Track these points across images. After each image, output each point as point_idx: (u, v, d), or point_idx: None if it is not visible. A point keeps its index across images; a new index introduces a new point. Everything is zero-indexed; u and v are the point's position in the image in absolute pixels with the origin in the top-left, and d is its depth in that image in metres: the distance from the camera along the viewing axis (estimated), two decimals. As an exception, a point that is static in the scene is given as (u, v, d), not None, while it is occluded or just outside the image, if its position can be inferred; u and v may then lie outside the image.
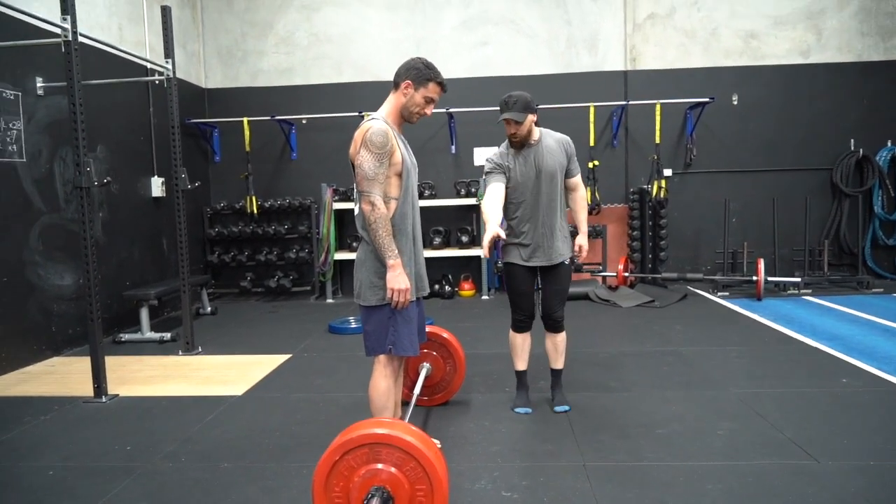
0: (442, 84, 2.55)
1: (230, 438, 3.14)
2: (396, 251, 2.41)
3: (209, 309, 6.49)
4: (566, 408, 3.36)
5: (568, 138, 3.30)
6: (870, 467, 2.61)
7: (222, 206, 7.50)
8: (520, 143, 3.15)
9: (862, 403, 3.36)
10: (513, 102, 3.08)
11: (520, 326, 3.38)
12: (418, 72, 2.50)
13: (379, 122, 2.43)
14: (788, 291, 6.71)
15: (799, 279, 6.67)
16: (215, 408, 3.58)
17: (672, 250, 7.34)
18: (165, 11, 4.69)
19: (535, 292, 3.36)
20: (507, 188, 3.19)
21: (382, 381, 2.56)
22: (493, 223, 2.95)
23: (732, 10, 7.33)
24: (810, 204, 7.06)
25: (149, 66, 5.85)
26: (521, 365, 3.44)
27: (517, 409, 3.38)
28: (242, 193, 7.41)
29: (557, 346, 3.41)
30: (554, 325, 3.38)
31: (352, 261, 6.84)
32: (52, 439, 3.19)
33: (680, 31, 7.39)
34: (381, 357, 2.56)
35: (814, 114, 7.32)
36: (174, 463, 2.87)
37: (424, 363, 3.37)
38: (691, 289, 7.03)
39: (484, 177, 3.33)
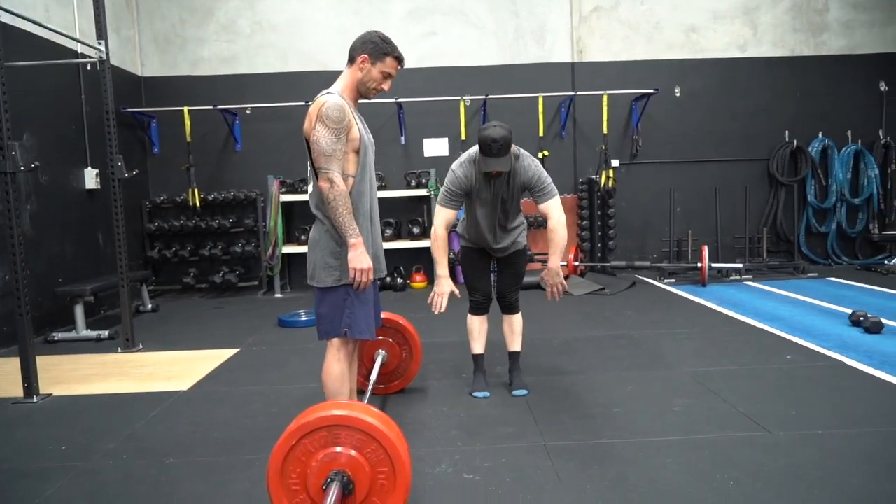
0: (399, 59, 2.47)
1: (176, 434, 2.98)
2: (357, 229, 2.32)
3: (150, 306, 6.20)
4: (524, 392, 3.34)
5: (531, 166, 3.06)
6: (817, 436, 2.69)
7: (162, 200, 7.17)
8: (498, 176, 3.05)
9: (806, 377, 3.48)
10: (497, 149, 2.88)
11: (477, 308, 3.36)
12: (375, 46, 2.41)
13: (334, 97, 2.33)
14: (731, 277, 6.93)
15: (740, 265, 6.90)
16: (159, 403, 3.40)
17: (620, 239, 7.47)
18: (97, -11, 4.42)
19: (490, 273, 3.34)
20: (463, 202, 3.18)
21: (336, 365, 2.47)
22: (446, 276, 3.10)
23: (674, 3, 7.51)
24: (749, 193, 7.32)
25: (80, 48, 5.53)
26: (479, 348, 3.42)
27: (475, 394, 3.34)
28: (184, 186, 7.11)
29: (514, 328, 3.40)
30: (509, 307, 3.38)
31: (300, 254, 6.60)
32: (-23, 443, 2.95)
33: (624, 24, 7.52)
34: (335, 341, 2.46)
35: (751, 106, 7.58)
36: (115, 461, 2.70)
37: (380, 350, 3.30)
38: (639, 276, 7.17)
39: (443, 192, 3.16)
